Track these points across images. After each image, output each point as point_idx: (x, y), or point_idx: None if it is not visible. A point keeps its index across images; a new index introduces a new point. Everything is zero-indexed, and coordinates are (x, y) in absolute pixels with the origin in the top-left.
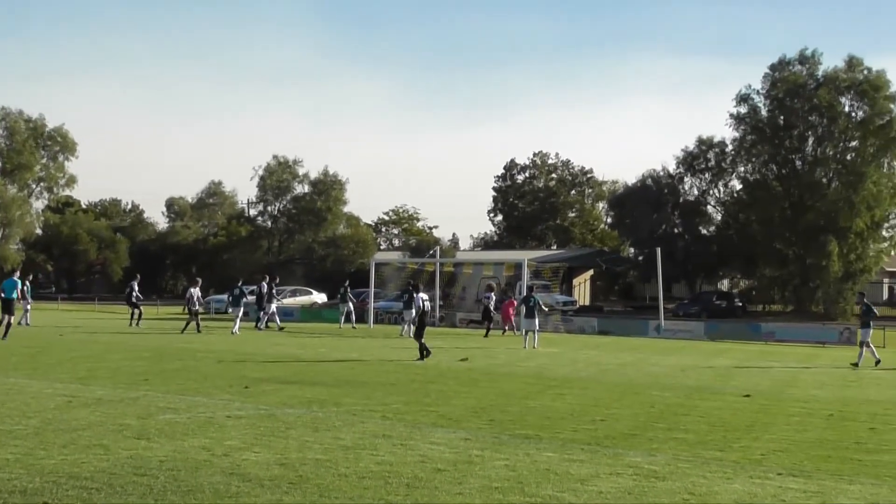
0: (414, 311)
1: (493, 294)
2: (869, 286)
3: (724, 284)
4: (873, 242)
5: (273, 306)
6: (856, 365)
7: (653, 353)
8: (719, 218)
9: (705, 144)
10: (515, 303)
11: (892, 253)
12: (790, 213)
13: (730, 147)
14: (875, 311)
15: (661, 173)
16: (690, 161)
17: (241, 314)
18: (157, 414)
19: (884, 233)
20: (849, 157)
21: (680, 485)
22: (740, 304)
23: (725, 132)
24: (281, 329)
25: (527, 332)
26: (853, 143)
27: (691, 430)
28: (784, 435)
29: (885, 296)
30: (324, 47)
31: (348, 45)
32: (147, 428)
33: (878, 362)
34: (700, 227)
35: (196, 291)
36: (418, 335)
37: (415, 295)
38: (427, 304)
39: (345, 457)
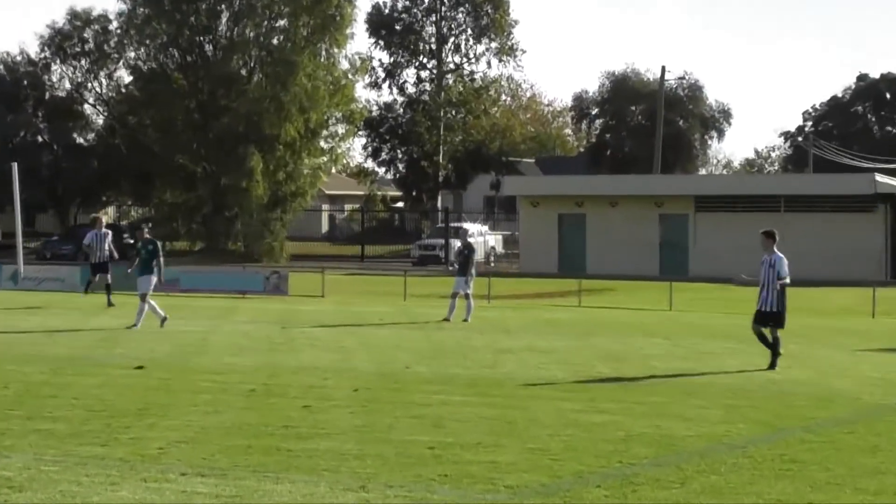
0: None
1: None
2: (304, 215)
3: (111, 214)
4: (309, 156)
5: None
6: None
7: (9, 311)
8: (102, 122)
9: (81, 20)
10: None
11: (334, 170)
12: (198, 115)
13: (115, 24)
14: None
15: (20, 59)
16: (60, 42)
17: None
18: None
19: (322, 143)
20: (276, 41)
21: (44, 496)
22: (133, 241)
23: (110, 4)
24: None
25: None
26: (281, 23)
27: (62, 419)
28: (190, 420)
29: (325, 228)
30: None
31: None
32: None
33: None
34: (75, 135)
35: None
36: None
37: None
38: None
39: None
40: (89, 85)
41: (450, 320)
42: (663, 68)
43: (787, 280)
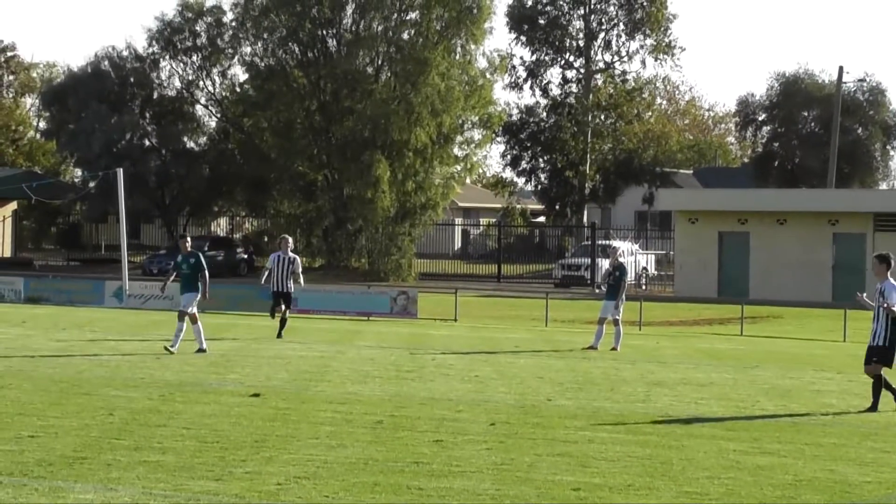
0: None
1: None
2: (435, 230)
3: (223, 226)
4: (441, 165)
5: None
6: None
7: (113, 330)
8: (214, 125)
9: (193, 11)
10: None
11: (468, 181)
12: (320, 118)
13: (230, 16)
14: None
15: (126, 54)
16: (170, 36)
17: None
18: None
19: (455, 150)
20: (406, 36)
21: None
22: (246, 255)
23: None
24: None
25: None
26: (412, 15)
27: (171, 450)
28: (311, 454)
29: (458, 244)
30: None
31: None
32: None
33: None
34: (185, 138)
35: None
36: None
37: None
38: None
39: None
40: (201, 84)
41: (597, 348)
42: (841, 69)
43: (892, 304)
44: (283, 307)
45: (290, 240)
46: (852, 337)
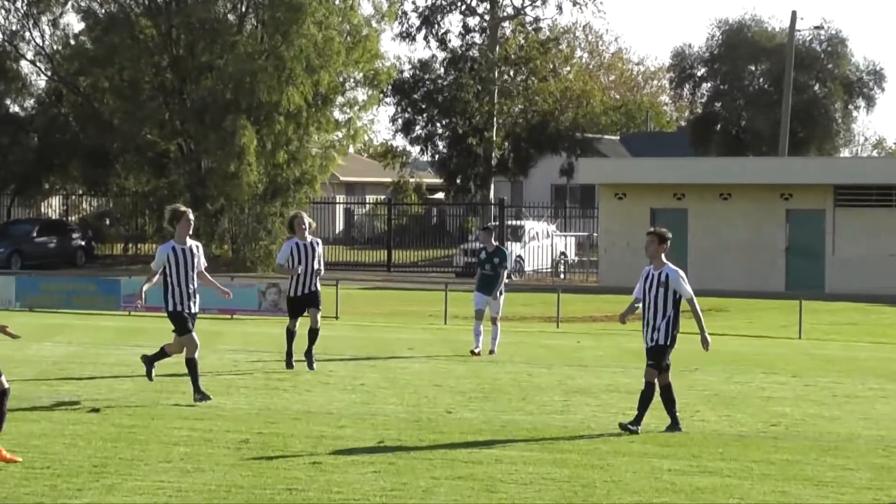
0: None
1: None
2: (312, 209)
3: (55, 207)
4: (319, 131)
5: None
6: None
7: None
8: (43, 85)
9: None
10: None
11: (351, 150)
12: (172, 76)
13: None
14: None
15: None
16: None
17: None
18: None
19: (336, 114)
20: None
21: None
22: (83, 242)
23: None
24: None
25: None
26: None
27: None
28: (162, 480)
29: (340, 227)
30: None
31: None
32: None
33: None
34: (8, 101)
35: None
36: None
37: None
38: None
39: None
40: (27, 35)
41: (494, 351)
42: (794, 14)
43: (692, 297)
44: (315, 310)
45: (308, 218)
46: (809, 333)
